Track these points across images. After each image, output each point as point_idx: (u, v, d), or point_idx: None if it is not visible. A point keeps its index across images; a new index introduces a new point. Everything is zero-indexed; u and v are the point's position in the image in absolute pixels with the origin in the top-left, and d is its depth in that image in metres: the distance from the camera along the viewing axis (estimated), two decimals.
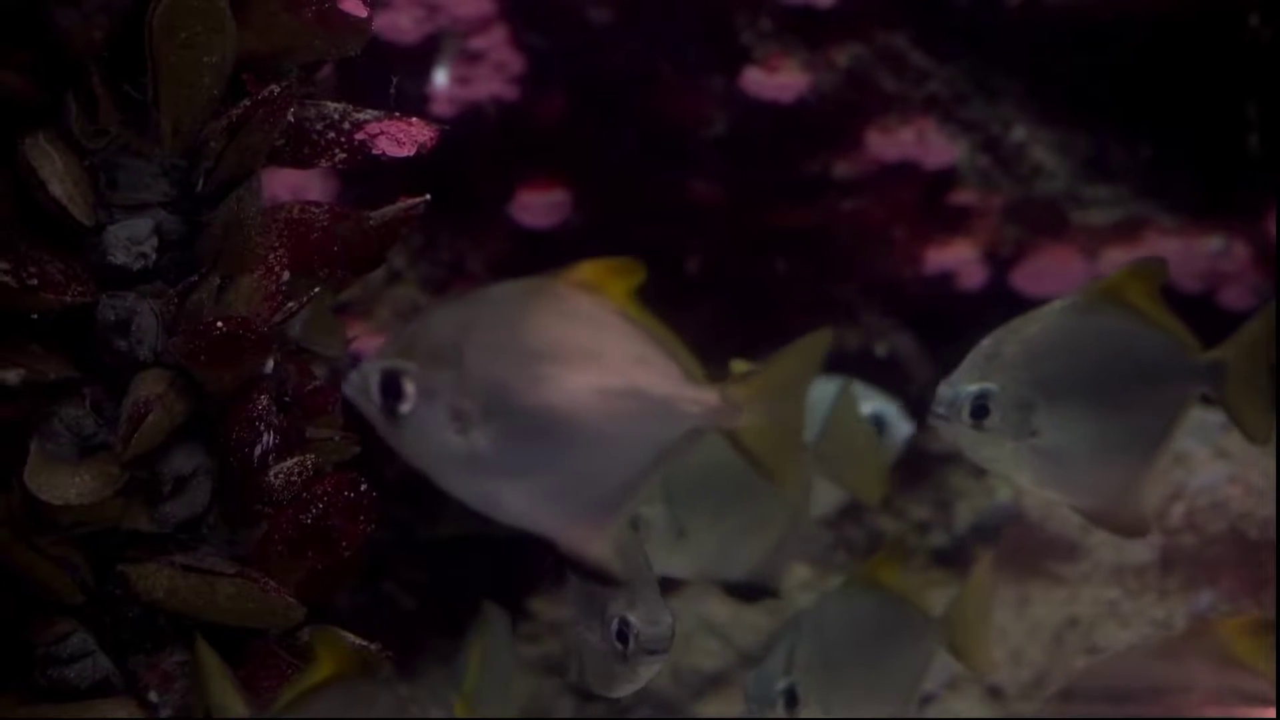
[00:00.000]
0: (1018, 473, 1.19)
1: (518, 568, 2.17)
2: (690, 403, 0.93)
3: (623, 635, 1.08)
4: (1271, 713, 1.10)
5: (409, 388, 0.94)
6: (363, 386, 0.94)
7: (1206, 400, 1.24)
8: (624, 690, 1.11)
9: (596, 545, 0.94)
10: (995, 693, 1.86)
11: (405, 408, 0.94)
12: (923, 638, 1.36)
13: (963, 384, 1.18)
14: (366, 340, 2.00)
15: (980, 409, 1.17)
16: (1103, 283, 1.20)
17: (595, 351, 0.93)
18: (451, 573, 2.15)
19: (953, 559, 2.08)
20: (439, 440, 0.94)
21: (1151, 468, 1.21)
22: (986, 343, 1.19)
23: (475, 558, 2.16)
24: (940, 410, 1.18)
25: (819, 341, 0.96)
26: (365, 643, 1.11)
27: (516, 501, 0.96)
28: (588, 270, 0.95)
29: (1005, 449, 1.18)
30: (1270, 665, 1.10)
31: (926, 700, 1.89)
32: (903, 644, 1.37)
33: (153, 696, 1.09)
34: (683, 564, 1.38)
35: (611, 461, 0.93)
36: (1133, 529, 1.24)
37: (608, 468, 0.93)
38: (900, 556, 1.39)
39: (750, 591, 1.40)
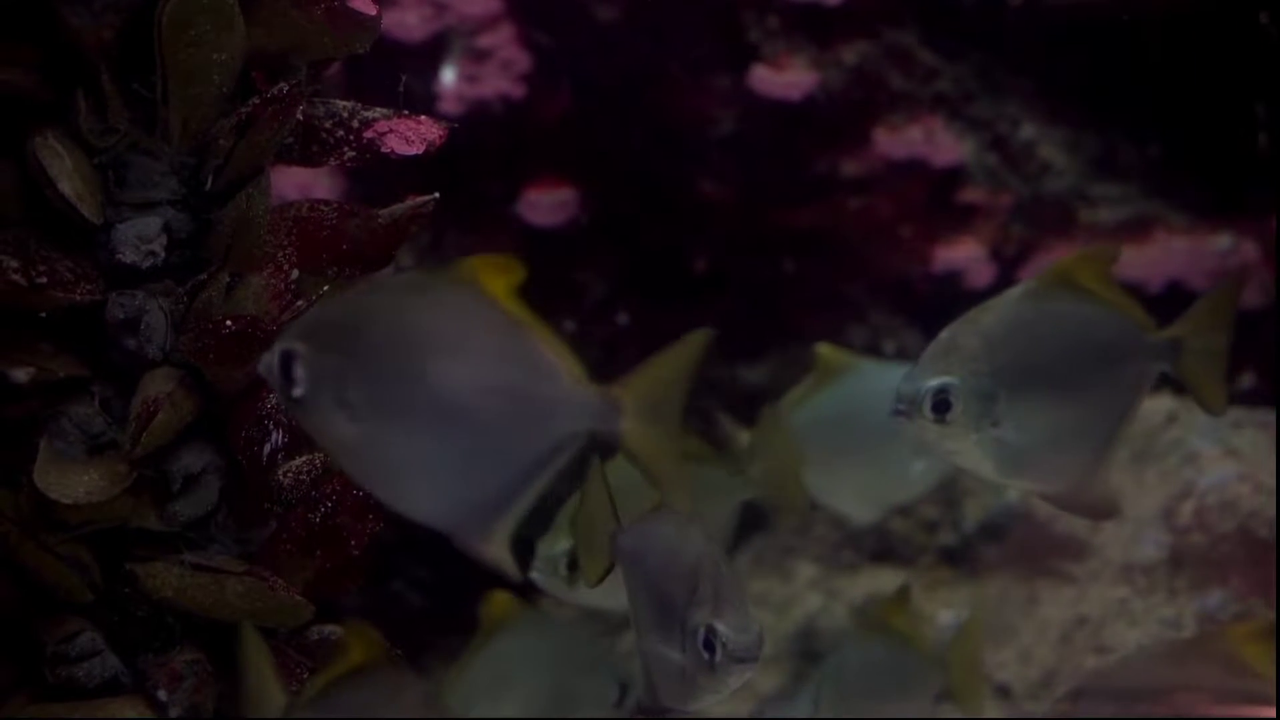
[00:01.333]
0: (982, 465, 1.18)
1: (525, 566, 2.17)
2: (570, 404, 0.91)
3: (710, 644, 1.05)
4: (1273, 713, 1.10)
5: (300, 371, 0.94)
6: (268, 366, 0.95)
7: (1165, 378, 1.24)
8: (705, 702, 1.08)
9: (487, 544, 0.93)
10: (1004, 692, 1.86)
11: (298, 391, 0.94)
12: (926, 679, 1.39)
13: (923, 379, 1.16)
14: None
15: (942, 403, 1.16)
16: (1056, 268, 1.20)
17: (478, 349, 0.93)
18: (459, 571, 2.15)
19: (961, 558, 2.08)
20: (332, 426, 0.95)
21: (1114, 448, 1.21)
22: (944, 336, 1.18)
23: (473, 559, 2.15)
24: (901, 407, 1.17)
25: (697, 342, 0.94)
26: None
27: (405, 494, 0.97)
28: (471, 266, 0.94)
29: (968, 441, 1.17)
30: (1272, 669, 1.11)
31: (936, 699, 1.89)
32: (910, 686, 1.39)
33: (161, 695, 1.09)
34: (615, 589, 1.36)
35: (495, 460, 0.93)
36: (1101, 511, 1.24)
37: (492, 466, 0.93)
38: (906, 601, 1.41)
39: None
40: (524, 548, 1.35)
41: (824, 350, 1.63)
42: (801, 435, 1.52)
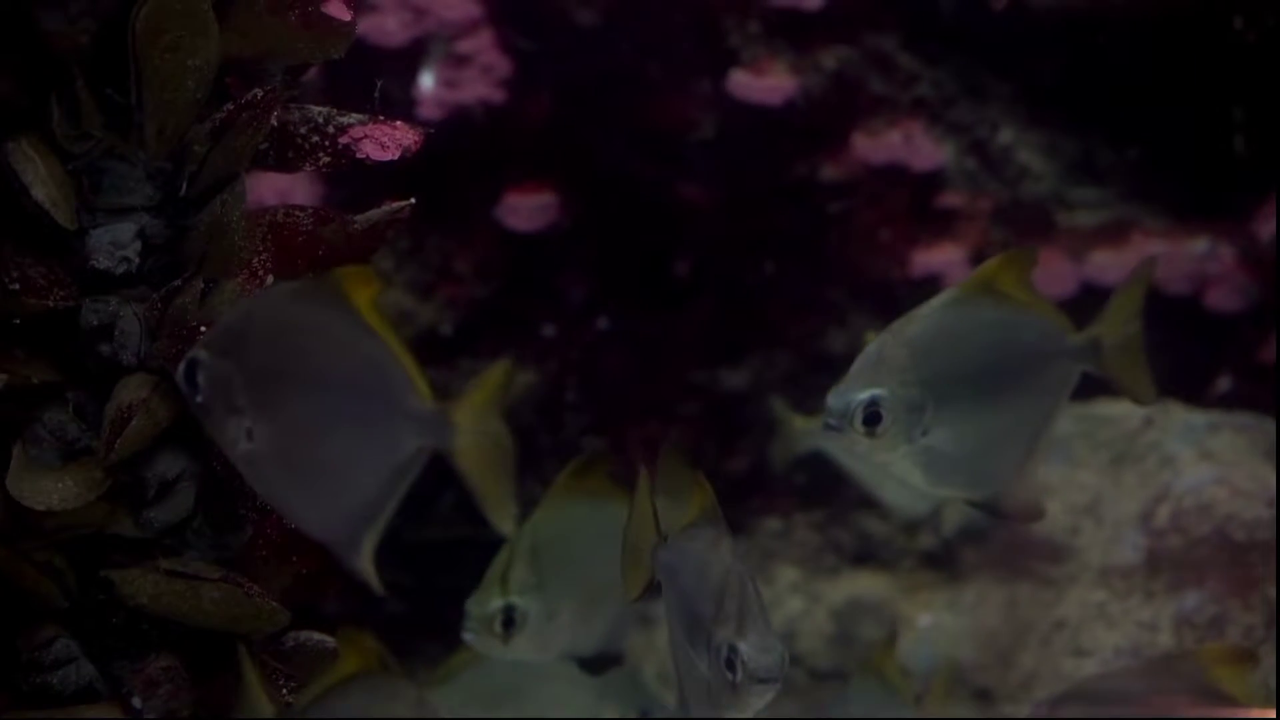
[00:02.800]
0: (912, 475, 1.19)
1: None
2: (412, 419, 0.93)
3: (731, 663, 1.05)
4: (1271, 713, 1.11)
5: (200, 378, 0.97)
6: (181, 373, 0.97)
7: (1088, 377, 1.25)
8: (732, 717, 1.09)
9: (354, 555, 0.94)
10: (983, 694, 1.86)
11: (199, 398, 0.98)
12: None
13: (852, 392, 1.17)
14: None
15: (872, 415, 1.16)
16: (976, 275, 1.21)
17: (338, 361, 0.95)
18: (439, 576, 2.15)
19: (942, 561, 2.09)
20: (225, 431, 0.98)
21: (1040, 451, 1.22)
22: (871, 348, 1.18)
23: (463, 561, 2.15)
24: (832, 421, 1.17)
25: (507, 368, 0.95)
26: None
27: (286, 502, 0.99)
28: (336, 278, 0.96)
29: (899, 453, 1.17)
30: (1248, 694, 1.11)
31: (916, 699, 1.89)
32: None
33: (136, 702, 1.09)
34: (552, 646, 1.36)
35: (354, 472, 0.94)
36: (1030, 514, 1.24)
37: (352, 478, 0.94)
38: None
39: (601, 663, 1.39)
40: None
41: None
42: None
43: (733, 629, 1.05)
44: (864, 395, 1.16)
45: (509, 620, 1.31)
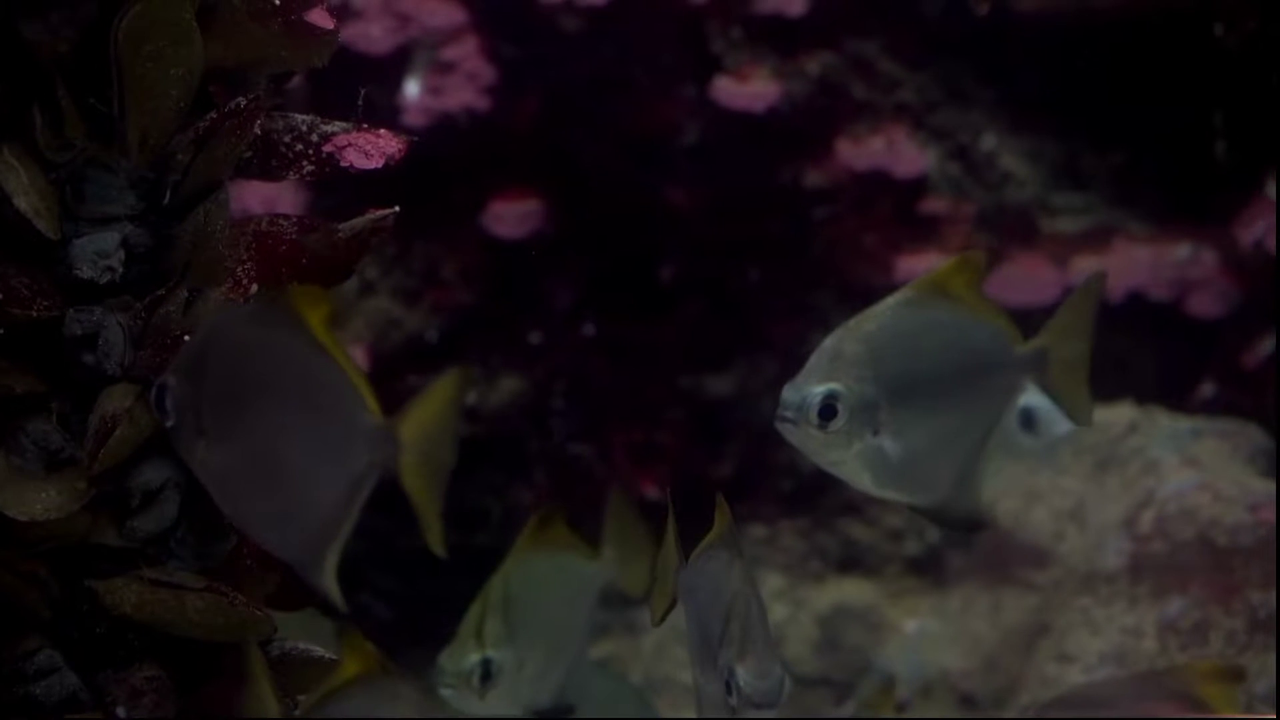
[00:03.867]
0: (861, 475, 1.18)
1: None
2: (360, 436, 0.93)
3: (729, 687, 1.06)
4: (1273, 713, 1.11)
5: (168, 402, 0.98)
6: (152, 398, 0.99)
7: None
8: None
9: (316, 573, 0.94)
10: (968, 700, 1.87)
11: (169, 421, 0.99)
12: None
13: (808, 386, 1.17)
14: None
15: (828, 410, 1.16)
16: (930, 277, 1.20)
17: (291, 381, 0.95)
18: (428, 584, 2.15)
19: (926, 567, 2.09)
20: (193, 454, 0.99)
21: (983, 459, 1.22)
22: (828, 343, 1.18)
23: (451, 568, 2.15)
24: (787, 414, 1.17)
25: (460, 377, 0.94)
26: (336, 657, 1.11)
27: (250, 522, 1.00)
28: (288, 297, 0.96)
29: (851, 450, 1.17)
30: (1234, 711, 1.11)
31: (900, 708, 1.90)
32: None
33: (121, 712, 1.09)
34: (521, 698, 1.37)
35: (311, 490, 0.94)
36: (973, 523, 1.24)
37: (309, 497, 0.94)
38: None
39: (555, 714, 1.40)
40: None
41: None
42: None
43: (733, 652, 1.06)
44: (820, 389, 1.16)
45: (486, 674, 1.33)
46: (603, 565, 1.43)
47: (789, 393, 1.17)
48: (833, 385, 1.16)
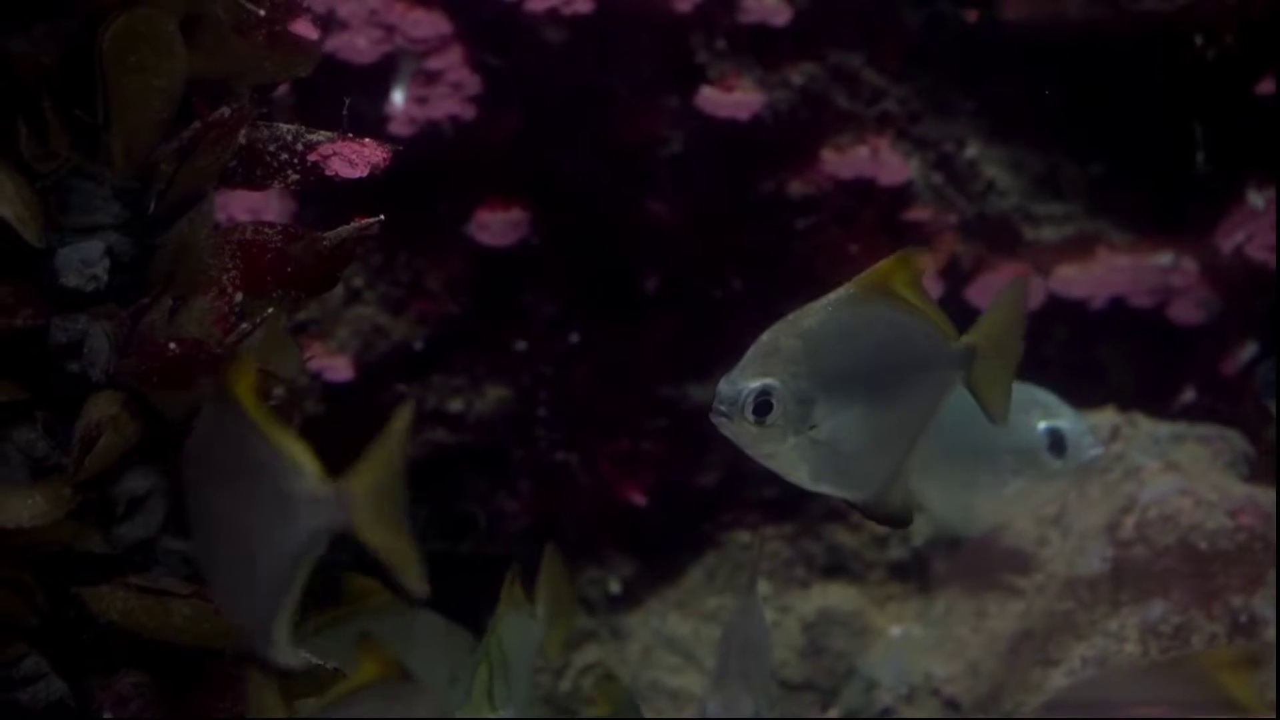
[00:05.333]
0: (796, 469, 1.19)
1: (479, 585, 2.17)
2: (307, 502, 0.93)
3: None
4: (1273, 713, 1.11)
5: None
6: None
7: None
8: None
9: (274, 649, 0.95)
10: (952, 705, 1.88)
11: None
12: None
13: (744, 380, 1.17)
14: (323, 360, 2.00)
15: (763, 405, 1.17)
16: (870, 274, 1.21)
17: (231, 461, 0.96)
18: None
19: (911, 573, 2.10)
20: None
21: (914, 456, 1.23)
22: (765, 338, 1.18)
23: (436, 575, 2.15)
24: (722, 408, 1.18)
25: (404, 423, 0.93)
26: (320, 662, 1.11)
27: (215, 593, 1.02)
28: (225, 376, 0.96)
29: (786, 445, 1.18)
30: (1254, 699, 1.10)
31: (884, 713, 1.90)
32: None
33: (107, 717, 1.09)
34: None
35: (261, 559, 0.95)
36: (900, 519, 1.25)
37: (259, 566, 0.95)
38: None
39: None
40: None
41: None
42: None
43: (714, 686, 1.09)
44: (755, 384, 1.16)
45: None
46: (537, 623, 1.45)
47: (724, 387, 1.17)
48: (768, 380, 1.16)
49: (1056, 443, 1.64)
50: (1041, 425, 1.62)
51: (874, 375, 1.20)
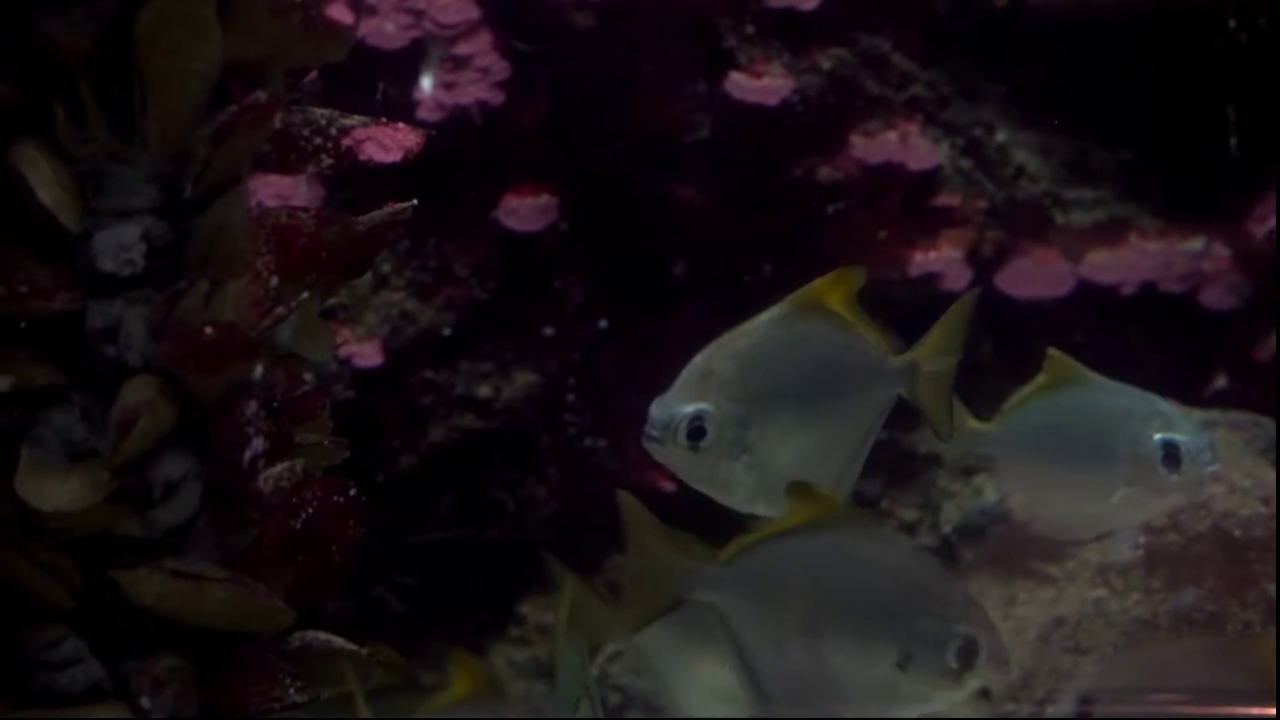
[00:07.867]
0: (731, 494, 1.19)
1: (507, 571, 2.17)
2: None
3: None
4: (1274, 713, 1.10)
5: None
6: None
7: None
8: None
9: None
10: (982, 692, 1.87)
11: None
12: None
13: (677, 405, 1.17)
14: (352, 346, 2.00)
15: (697, 430, 1.16)
16: (804, 292, 1.21)
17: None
18: (440, 577, 2.16)
19: (940, 559, 2.09)
20: None
21: (854, 472, 1.22)
22: (699, 360, 1.18)
23: (464, 561, 2.16)
24: (654, 433, 1.17)
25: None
26: (356, 647, 1.12)
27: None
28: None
29: (720, 468, 1.17)
30: None
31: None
32: None
33: (144, 702, 1.09)
34: None
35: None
36: None
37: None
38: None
39: None
40: None
41: (1054, 356, 1.57)
42: (1016, 439, 1.51)
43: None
44: (689, 409, 1.16)
45: None
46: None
47: (658, 411, 1.17)
48: (701, 405, 1.16)
49: (1171, 455, 1.61)
50: (1158, 438, 1.60)
51: (810, 394, 1.20)
